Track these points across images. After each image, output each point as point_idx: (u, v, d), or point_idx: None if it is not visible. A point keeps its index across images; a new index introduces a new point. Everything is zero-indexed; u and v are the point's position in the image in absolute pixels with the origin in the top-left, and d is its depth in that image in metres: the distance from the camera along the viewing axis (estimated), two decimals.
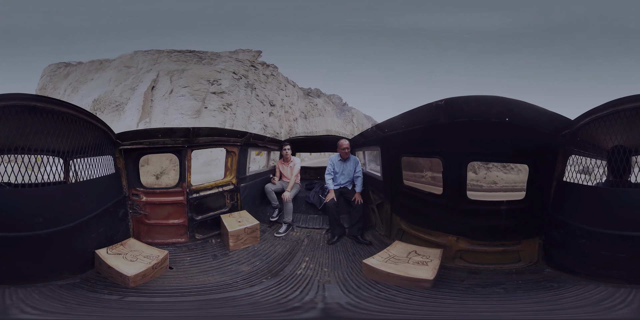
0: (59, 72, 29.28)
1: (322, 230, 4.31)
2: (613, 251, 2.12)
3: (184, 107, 21.91)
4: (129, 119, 21.27)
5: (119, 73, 25.32)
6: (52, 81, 28.82)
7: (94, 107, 22.96)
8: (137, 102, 22.14)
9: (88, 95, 24.28)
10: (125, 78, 24.65)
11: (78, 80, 26.68)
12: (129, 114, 21.84)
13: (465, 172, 2.81)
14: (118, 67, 26.03)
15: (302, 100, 35.50)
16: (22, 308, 1.87)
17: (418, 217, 3.26)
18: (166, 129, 3.51)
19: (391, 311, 2.16)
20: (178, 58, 25.56)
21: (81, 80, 26.61)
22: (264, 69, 28.67)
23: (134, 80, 24.06)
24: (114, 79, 24.86)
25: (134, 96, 22.74)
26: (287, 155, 4.94)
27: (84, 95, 24.69)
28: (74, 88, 25.92)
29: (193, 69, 23.87)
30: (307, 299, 2.36)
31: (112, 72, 25.72)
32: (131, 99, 22.62)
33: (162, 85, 23.15)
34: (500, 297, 2.30)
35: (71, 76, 27.72)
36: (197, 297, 2.43)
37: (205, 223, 3.92)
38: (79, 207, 2.57)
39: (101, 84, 24.98)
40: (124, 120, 21.25)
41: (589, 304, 1.94)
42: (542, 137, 2.48)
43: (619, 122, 2.15)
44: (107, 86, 24.48)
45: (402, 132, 3.10)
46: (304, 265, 3.13)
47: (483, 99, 2.33)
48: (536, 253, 2.75)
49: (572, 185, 2.47)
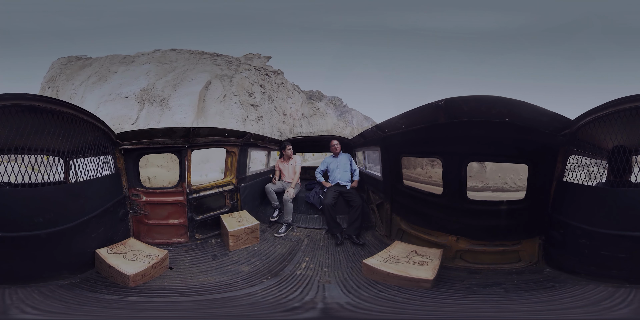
0: (70, 65, 29.77)
1: (322, 230, 4.32)
2: (613, 251, 2.12)
3: (237, 114, 24.17)
4: (180, 116, 22.34)
5: (157, 68, 26.14)
6: (64, 72, 29.15)
7: (142, 97, 23.64)
8: (189, 100, 23.24)
9: (129, 84, 24.86)
10: (165, 74, 25.38)
11: (98, 73, 27.13)
12: (177, 110, 22.83)
13: (465, 172, 2.81)
14: (149, 61, 26.71)
15: (306, 104, 36.37)
16: (22, 308, 1.87)
17: (418, 217, 3.26)
18: (166, 129, 3.51)
19: (391, 311, 2.16)
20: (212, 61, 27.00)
21: (101, 72, 26.99)
22: (275, 78, 30.12)
23: (174, 77, 24.92)
24: (152, 73, 25.63)
25: (179, 93, 23.78)
26: (289, 155, 4.99)
27: (121, 84, 25.11)
28: (100, 77, 26.44)
29: (237, 78, 25.90)
30: (307, 299, 2.36)
31: (146, 66, 26.35)
32: (176, 96, 23.63)
33: (215, 87, 24.75)
34: (500, 297, 2.29)
35: (90, 68, 28.13)
36: (197, 297, 2.43)
37: (205, 223, 3.92)
38: (79, 207, 2.57)
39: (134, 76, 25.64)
40: (173, 116, 22.27)
41: (589, 304, 1.94)
42: (542, 137, 2.48)
43: (618, 122, 2.15)
44: (145, 79, 25.15)
45: (402, 132, 3.10)
46: (304, 265, 3.13)
47: (483, 99, 2.33)
48: (536, 253, 2.75)
49: (572, 185, 2.47)
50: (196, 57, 27.13)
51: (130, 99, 23.53)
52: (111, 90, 24.27)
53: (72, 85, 26.79)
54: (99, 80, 25.98)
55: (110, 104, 23.66)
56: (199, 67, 26.01)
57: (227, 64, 27.28)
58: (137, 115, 22.92)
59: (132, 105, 23.37)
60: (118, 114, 22.64)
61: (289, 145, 5.00)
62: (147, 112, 23.18)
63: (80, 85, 26.26)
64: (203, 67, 26.06)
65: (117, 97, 23.74)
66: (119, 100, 23.65)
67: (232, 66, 27.02)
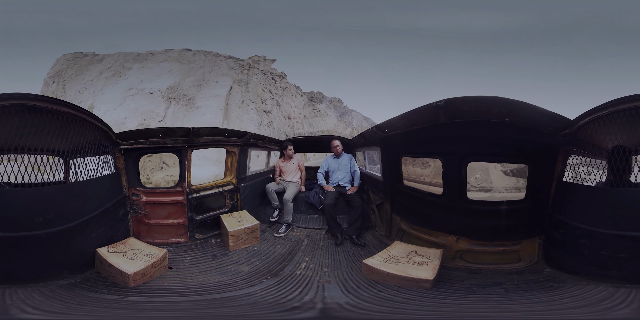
0: (78, 60, 29.98)
1: (322, 231, 4.32)
2: (613, 251, 2.12)
3: (253, 119, 25.12)
4: (210, 117, 23.04)
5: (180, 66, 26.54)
6: (72, 67, 29.17)
7: (169, 94, 24.07)
8: (216, 102, 24.12)
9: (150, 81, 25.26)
10: (187, 73, 25.83)
11: (111, 68, 27.47)
12: (206, 110, 23.47)
13: (465, 172, 2.81)
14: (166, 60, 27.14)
15: (307, 107, 37.15)
16: (23, 308, 1.87)
17: (418, 217, 3.26)
18: (166, 128, 3.51)
19: (391, 311, 2.16)
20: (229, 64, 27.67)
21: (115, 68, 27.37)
22: (280, 82, 31.08)
23: (199, 78, 25.48)
24: (176, 71, 26.02)
25: (205, 95, 24.44)
26: (290, 155, 5.01)
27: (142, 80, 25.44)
28: (114, 72, 26.67)
29: (252, 84, 26.82)
30: (306, 299, 2.36)
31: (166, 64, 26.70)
32: (202, 97, 24.31)
33: (235, 92, 25.65)
34: (500, 297, 2.29)
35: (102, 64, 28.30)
36: (196, 297, 2.43)
37: (205, 223, 3.92)
38: (78, 207, 2.57)
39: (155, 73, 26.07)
40: (203, 116, 22.84)
41: (589, 304, 1.94)
42: (542, 137, 2.48)
43: (618, 122, 2.15)
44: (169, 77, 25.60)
45: (402, 132, 3.10)
46: (303, 266, 3.13)
47: (483, 99, 2.33)
48: (536, 253, 2.75)
49: (572, 185, 2.47)
50: (212, 59, 27.77)
51: (155, 95, 23.86)
52: (131, 85, 24.66)
53: (82, 80, 26.95)
54: (113, 76, 26.28)
55: (132, 98, 24.05)
56: (217, 70, 26.70)
57: (240, 67, 28.06)
58: (165, 113, 23.36)
59: (158, 102, 23.76)
60: (144, 110, 22.95)
61: (290, 146, 5.02)
62: (173, 110, 23.63)
63: (93, 80, 26.52)
64: (221, 70, 26.80)
65: (140, 92, 24.13)
66: (141, 95, 24.00)
67: (244, 70, 27.83)
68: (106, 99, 23.85)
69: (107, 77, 26.23)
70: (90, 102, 24.12)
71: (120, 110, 22.91)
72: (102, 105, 23.48)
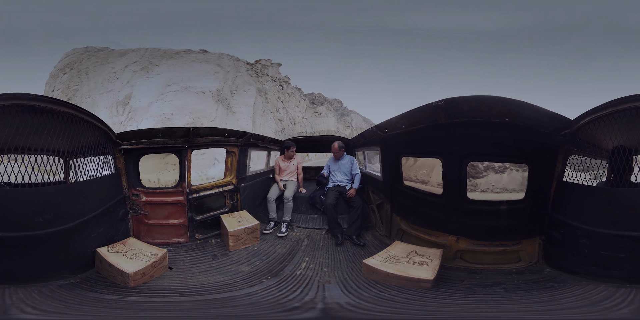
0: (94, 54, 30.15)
1: (322, 231, 4.32)
2: (613, 251, 2.12)
3: (272, 127, 26.98)
4: (244, 122, 24.95)
5: (219, 69, 27.72)
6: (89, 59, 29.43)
7: (217, 96, 25.37)
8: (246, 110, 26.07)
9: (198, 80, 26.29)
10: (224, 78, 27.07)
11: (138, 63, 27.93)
12: (240, 117, 25.40)
13: (465, 172, 2.81)
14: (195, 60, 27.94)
15: (309, 110, 38.00)
16: (23, 308, 1.87)
17: (418, 217, 3.26)
18: (166, 128, 3.52)
19: (391, 311, 2.16)
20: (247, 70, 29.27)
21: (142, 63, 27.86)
22: (287, 87, 32.21)
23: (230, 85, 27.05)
24: (220, 75, 27.22)
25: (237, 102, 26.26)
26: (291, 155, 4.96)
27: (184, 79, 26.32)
28: (142, 67, 27.48)
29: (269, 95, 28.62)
30: (306, 299, 2.36)
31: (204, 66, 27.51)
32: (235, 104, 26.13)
33: (258, 102, 27.46)
34: (500, 297, 2.29)
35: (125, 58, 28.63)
36: (196, 297, 2.43)
37: (205, 223, 3.92)
38: (79, 207, 2.57)
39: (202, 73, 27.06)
40: (237, 122, 24.67)
41: (589, 304, 1.94)
42: (542, 137, 2.48)
43: (619, 122, 2.15)
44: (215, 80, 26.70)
45: (402, 132, 3.10)
46: (303, 266, 3.13)
47: (483, 99, 2.33)
48: (536, 253, 2.75)
49: (572, 185, 2.47)
50: (235, 64, 28.91)
51: (207, 95, 24.84)
52: (169, 81, 25.49)
53: (104, 70, 27.51)
54: (141, 70, 27.01)
55: (175, 95, 24.72)
56: (240, 77, 28.12)
57: (255, 74, 29.50)
58: (216, 114, 24.54)
59: (209, 102, 24.86)
60: (194, 108, 23.94)
61: (293, 147, 4.94)
62: (220, 112, 24.90)
63: (116, 72, 27.14)
64: (243, 77, 28.22)
65: (184, 90, 25.01)
66: (187, 93, 24.77)
67: (259, 77, 29.43)
68: (142, 91, 24.62)
69: (134, 71, 26.96)
70: (127, 92, 24.97)
71: (163, 105, 23.73)
72: (141, 96, 24.35)
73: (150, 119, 22.92)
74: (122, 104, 24.57)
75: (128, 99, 24.62)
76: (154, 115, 23.26)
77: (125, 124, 23.76)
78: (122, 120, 23.94)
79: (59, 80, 28.44)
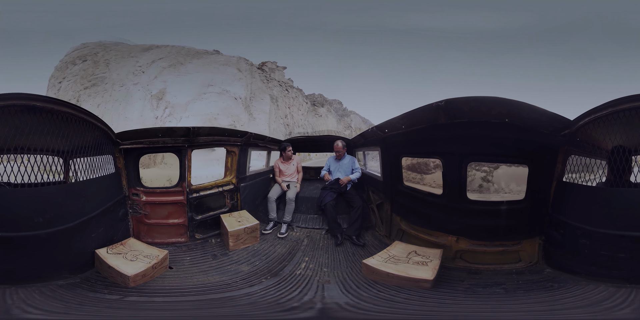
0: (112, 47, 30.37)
1: (322, 231, 4.32)
2: (613, 251, 2.12)
3: (283, 132, 28.20)
4: (262, 127, 26.03)
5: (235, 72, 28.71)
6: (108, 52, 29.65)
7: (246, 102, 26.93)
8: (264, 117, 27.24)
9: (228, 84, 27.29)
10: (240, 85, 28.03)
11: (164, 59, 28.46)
12: (259, 122, 26.60)
13: (465, 173, 2.81)
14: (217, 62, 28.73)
15: (310, 112, 38.72)
16: (23, 308, 1.87)
17: (418, 217, 3.26)
18: (166, 128, 3.51)
19: (391, 311, 2.16)
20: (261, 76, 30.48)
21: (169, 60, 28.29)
22: (291, 91, 33.21)
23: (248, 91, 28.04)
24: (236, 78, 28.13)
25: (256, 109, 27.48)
26: (289, 156, 4.98)
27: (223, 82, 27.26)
28: (170, 64, 28.03)
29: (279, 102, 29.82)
30: (306, 299, 2.36)
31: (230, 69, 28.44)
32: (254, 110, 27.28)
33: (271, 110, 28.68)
34: (500, 297, 2.29)
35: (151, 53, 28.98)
36: (196, 297, 2.43)
37: (205, 223, 3.92)
38: (79, 207, 2.57)
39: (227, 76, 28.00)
40: (257, 126, 25.71)
41: (589, 304, 1.94)
42: (542, 138, 2.47)
43: (618, 122, 2.15)
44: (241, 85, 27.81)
45: (402, 133, 3.10)
46: (303, 265, 3.13)
47: (483, 99, 2.33)
48: (536, 253, 2.74)
49: (572, 186, 2.47)
50: (250, 68, 29.83)
51: (239, 102, 26.14)
52: (210, 82, 26.26)
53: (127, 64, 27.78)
54: (169, 67, 27.59)
55: (218, 97, 25.56)
56: (256, 83, 29.19)
57: (266, 79, 30.66)
58: (244, 120, 25.72)
59: (239, 107, 25.96)
60: (233, 112, 25.03)
61: (289, 146, 4.97)
62: (246, 117, 25.98)
63: (142, 66, 27.62)
64: (258, 84, 29.32)
65: (224, 93, 26.06)
66: (227, 97, 25.83)
67: (268, 82, 30.66)
68: (176, 88, 25.13)
69: (163, 67, 27.51)
70: (159, 86, 25.46)
71: (204, 105, 24.41)
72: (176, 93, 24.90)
73: (192, 118, 23.44)
74: (155, 98, 24.95)
75: (162, 93, 25.12)
76: (197, 113, 23.83)
77: (163, 119, 24.07)
78: (159, 115, 24.22)
79: (68, 72, 28.65)
